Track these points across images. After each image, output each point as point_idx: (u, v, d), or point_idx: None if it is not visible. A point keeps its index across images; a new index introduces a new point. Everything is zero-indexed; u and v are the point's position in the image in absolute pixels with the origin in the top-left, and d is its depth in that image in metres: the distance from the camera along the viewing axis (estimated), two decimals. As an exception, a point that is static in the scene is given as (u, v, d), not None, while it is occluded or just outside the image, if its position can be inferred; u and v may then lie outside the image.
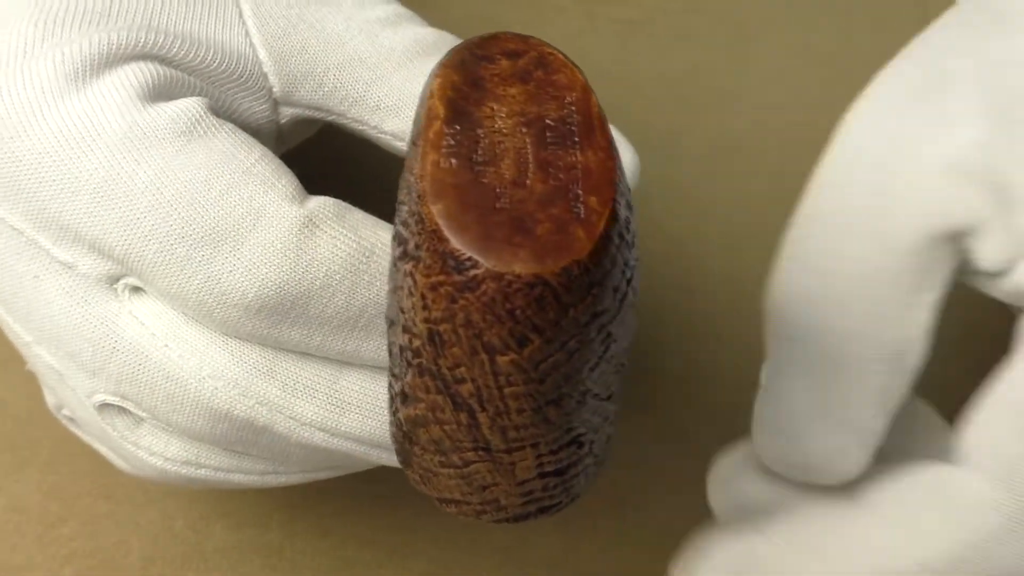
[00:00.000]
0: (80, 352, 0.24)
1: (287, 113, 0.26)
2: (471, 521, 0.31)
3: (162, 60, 0.24)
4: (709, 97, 0.37)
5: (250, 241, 0.22)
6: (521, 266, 0.18)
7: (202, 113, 0.23)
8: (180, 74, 0.24)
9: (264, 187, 0.23)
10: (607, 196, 0.19)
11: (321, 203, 0.23)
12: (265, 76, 0.26)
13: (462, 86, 0.20)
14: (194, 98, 0.23)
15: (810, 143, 0.24)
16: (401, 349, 0.20)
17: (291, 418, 0.23)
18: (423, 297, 0.19)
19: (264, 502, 0.32)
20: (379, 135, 0.26)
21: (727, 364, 0.34)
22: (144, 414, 0.24)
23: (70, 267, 0.23)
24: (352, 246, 0.23)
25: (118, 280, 0.23)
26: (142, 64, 0.24)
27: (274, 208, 0.22)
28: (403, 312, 0.20)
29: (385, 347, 0.23)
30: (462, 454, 0.21)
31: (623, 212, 0.20)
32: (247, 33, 0.25)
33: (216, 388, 0.23)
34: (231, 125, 0.24)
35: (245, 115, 0.26)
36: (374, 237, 0.23)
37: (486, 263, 0.18)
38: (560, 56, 0.21)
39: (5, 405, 0.33)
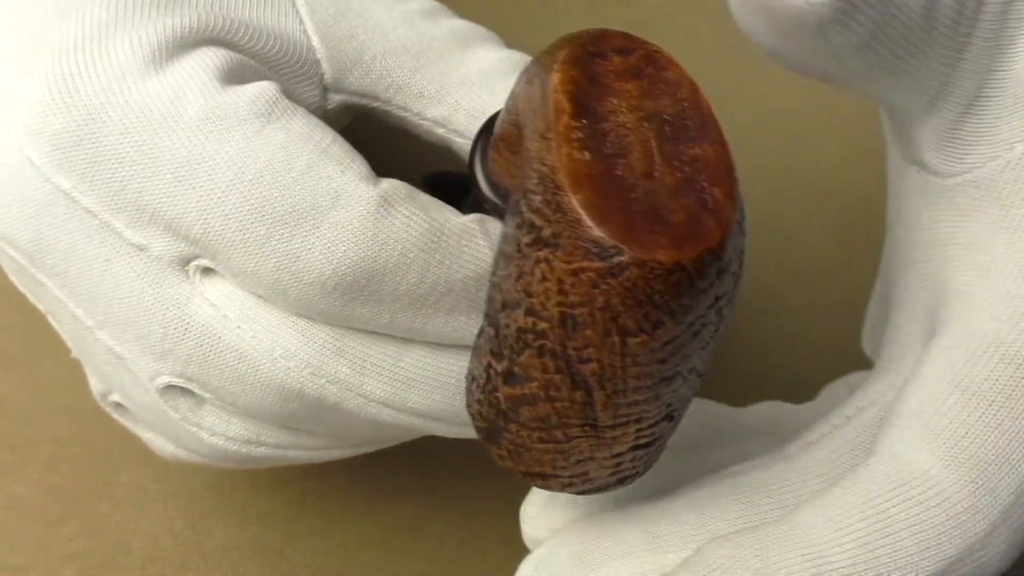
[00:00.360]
0: (149, 335, 0.24)
1: (335, 100, 0.27)
2: (471, 521, 0.31)
3: (228, 45, 0.25)
4: (709, 97, 0.37)
5: (329, 220, 0.23)
6: (663, 253, 0.19)
7: (278, 96, 0.24)
8: (245, 59, 0.25)
9: (341, 167, 0.23)
10: (729, 187, 0.21)
11: (392, 184, 0.23)
12: (318, 63, 0.26)
13: (582, 81, 0.21)
14: (267, 82, 0.24)
15: (810, 143, 0.24)
16: (519, 331, 0.21)
17: (360, 395, 0.24)
18: (560, 282, 0.19)
19: (265, 502, 0.32)
20: (420, 122, 0.27)
21: (727, 361, 0.34)
22: (208, 395, 0.25)
23: (142, 249, 0.23)
24: (425, 226, 0.23)
25: (190, 262, 0.24)
26: (214, 48, 0.24)
27: (351, 187, 0.23)
28: (530, 296, 0.20)
29: (451, 324, 0.24)
30: (567, 430, 0.22)
31: (740, 203, 0.21)
32: (300, 20, 0.26)
33: (288, 368, 0.23)
34: (303, 108, 0.24)
35: (297, 101, 0.26)
36: (442, 218, 0.23)
37: (630, 251, 0.19)
38: (666, 54, 0.22)
39: (5, 405, 0.33)
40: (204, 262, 0.24)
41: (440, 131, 0.27)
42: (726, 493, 0.24)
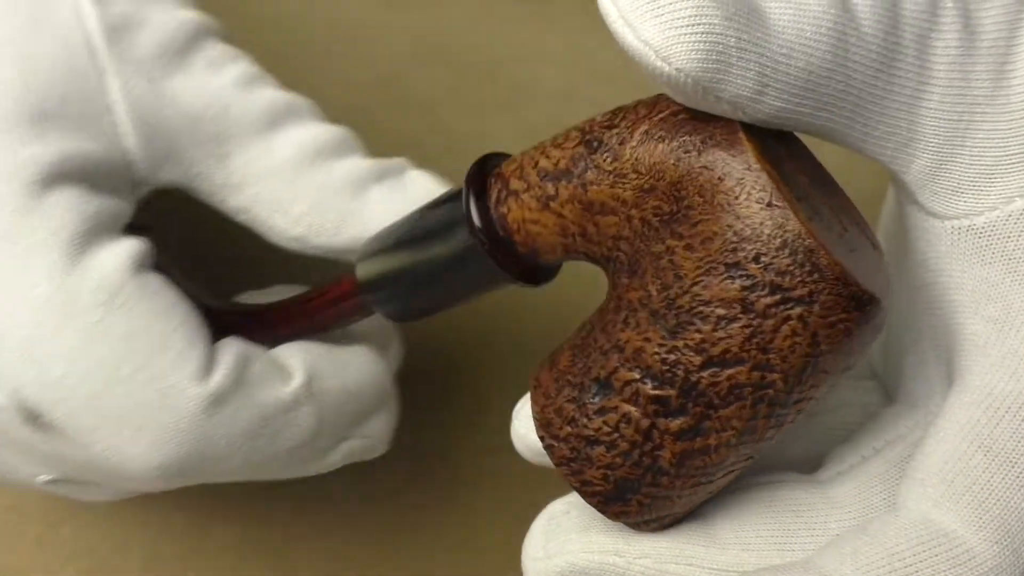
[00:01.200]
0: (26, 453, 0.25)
1: (144, 190, 0.27)
2: (471, 521, 0.31)
3: (69, 177, 0.24)
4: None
5: (155, 422, 0.23)
6: (881, 296, 0.21)
7: (126, 278, 0.24)
8: (95, 198, 0.24)
9: (174, 364, 0.24)
10: (872, 230, 0.23)
11: (224, 374, 0.24)
12: (130, 164, 0.26)
13: (763, 152, 0.21)
14: (122, 255, 0.24)
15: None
16: (734, 386, 0.21)
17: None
18: (814, 335, 0.21)
19: (265, 502, 0.32)
20: (223, 208, 0.27)
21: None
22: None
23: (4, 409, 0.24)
24: (251, 415, 0.24)
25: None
26: (65, 193, 0.24)
27: (181, 388, 0.24)
28: (766, 352, 0.21)
29: (279, 474, 0.26)
30: (733, 469, 0.23)
31: None
32: (116, 124, 0.26)
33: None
34: (157, 283, 0.24)
35: (104, 197, 0.26)
36: (270, 398, 0.25)
37: (875, 297, 0.21)
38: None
39: (5, 405, 0.33)
40: None
41: (242, 218, 0.27)
42: (757, 502, 0.24)
